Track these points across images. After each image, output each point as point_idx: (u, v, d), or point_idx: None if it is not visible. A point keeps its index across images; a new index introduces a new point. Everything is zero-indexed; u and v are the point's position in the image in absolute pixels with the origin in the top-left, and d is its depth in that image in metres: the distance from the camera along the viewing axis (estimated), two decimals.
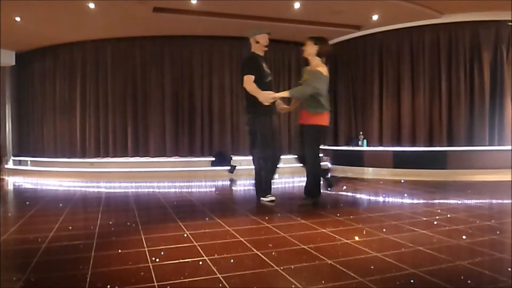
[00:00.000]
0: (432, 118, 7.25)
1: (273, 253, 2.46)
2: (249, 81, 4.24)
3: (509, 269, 2.17)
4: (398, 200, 4.62)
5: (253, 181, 4.50)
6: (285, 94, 4.18)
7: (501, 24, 6.84)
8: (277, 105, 4.46)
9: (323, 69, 4.18)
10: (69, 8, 6.16)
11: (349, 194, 5.21)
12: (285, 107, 4.60)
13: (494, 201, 4.49)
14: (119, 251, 2.57)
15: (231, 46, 8.24)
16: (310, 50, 4.22)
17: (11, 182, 7.25)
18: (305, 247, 2.59)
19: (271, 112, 4.36)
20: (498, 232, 2.93)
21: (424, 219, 3.42)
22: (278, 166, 4.51)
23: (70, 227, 3.31)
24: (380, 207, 4.24)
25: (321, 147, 4.80)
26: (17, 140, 9.11)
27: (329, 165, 8.41)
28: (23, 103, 9.01)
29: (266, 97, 4.14)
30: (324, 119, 4.18)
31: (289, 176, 6.82)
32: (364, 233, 2.96)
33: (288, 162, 6.14)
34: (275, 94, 4.19)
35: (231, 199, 5.09)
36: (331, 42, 8.49)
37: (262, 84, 4.24)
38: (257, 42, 4.41)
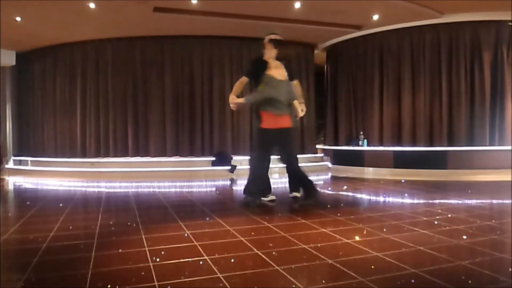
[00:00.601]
0: (432, 118, 7.25)
1: (273, 253, 2.46)
2: (237, 82, 4.42)
3: (510, 269, 2.16)
4: (398, 200, 4.62)
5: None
6: (242, 100, 4.23)
7: (501, 24, 6.84)
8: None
9: (277, 73, 4.14)
10: (70, 8, 6.17)
11: (350, 194, 5.21)
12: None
13: (494, 201, 4.49)
14: (120, 250, 2.57)
15: (231, 46, 8.24)
16: (269, 53, 4.22)
17: (12, 182, 7.25)
18: (305, 246, 2.59)
19: None
20: (498, 232, 2.93)
21: (425, 219, 3.42)
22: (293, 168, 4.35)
23: (71, 227, 3.31)
24: (381, 207, 4.24)
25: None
26: (18, 140, 9.12)
27: (330, 165, 8.41)
28: (24, 103, 9.02)
29: (230, 100, 4.28)
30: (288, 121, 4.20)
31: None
32: (365, 233, 2.96)
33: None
34: (237, 100, 4.23)
35: (232, 199, 5.09)
36: (332, 42, 8.51)
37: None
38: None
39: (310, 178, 4.21)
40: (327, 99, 8.85)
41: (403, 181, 6.20)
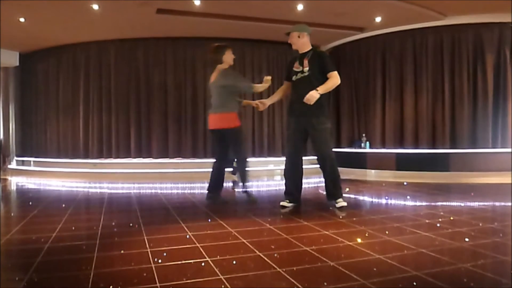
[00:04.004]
0: (435, 120, 7.25)
1: (275, 255, 2.46)
2: None
3: None
4: (400, 202, 4.61)
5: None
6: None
7: (504, 26, 6.84)
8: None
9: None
10: (73, 9, 6.20)
11: (352, 196, 5.19)
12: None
13: (497, 203, 4.46)
14: (122, 251, 2.58)
15: (234, 48, 8.21)
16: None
17: (14, 182, 7.27)
18: (307, 249, 2.58)
19: None
20: (501, 235, 2.92)
21: (427, 221, 3.41)
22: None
23: (73, 228, 3.32)
24: (383, 209, 4.24)
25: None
26: (21, 140, 9.15)
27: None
28: (27, 103, 9.07)
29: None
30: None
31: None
32: (367, 235, 2.96)
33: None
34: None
35: (234, 201, 5.09)
36: (334, 44, 8.51)
37: (292, 83, 4.17)
38: None
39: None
40: (329, 101, 8.84)
41: (405, 183, 6.19)
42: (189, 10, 6.48)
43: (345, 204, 4.00)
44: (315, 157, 4.16)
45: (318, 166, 4.09)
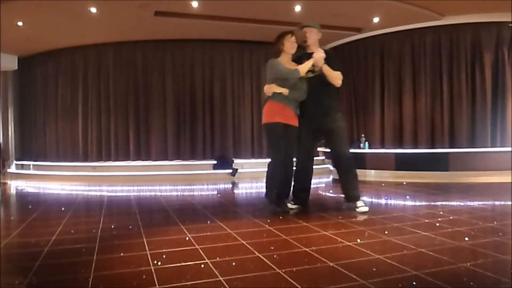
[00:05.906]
0: (433, 119, 7.25)
1: (275, 256, 2.46)
2: None
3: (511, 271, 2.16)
4: (400, 202, 4.61)
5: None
6: None
7: (502, 26, 6.84)
8: None
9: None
10: (71, 13, 6.21)
11: None
12: None
13: (496, 202, 4.47)
14: (121, 254, 2.57)
15: (233, 49, 8.26)
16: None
17: (14, 186, 7.27)
18: (307, 249, 2.59)
19: None
20: (500, 234, 2.92)
21: (427, 221, 3.41)
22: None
23: (72, 231, 3.31)
24: (382, 209, 4.24)
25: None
26: (20, 144, 9.15)
27: (331, 167, 8.40)
28: (26, 107, 9.06)
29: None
30: None
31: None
32: (366, 235, 2.96)
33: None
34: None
35: (233, 202, 5.09)
36: (332, 44, 8.52)
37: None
38: None
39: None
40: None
41: (404, 183, 6.19)
42: (187, 12, 6.48)
43: (366, 209, 3.81)
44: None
45: (333, 166, 3.96)
